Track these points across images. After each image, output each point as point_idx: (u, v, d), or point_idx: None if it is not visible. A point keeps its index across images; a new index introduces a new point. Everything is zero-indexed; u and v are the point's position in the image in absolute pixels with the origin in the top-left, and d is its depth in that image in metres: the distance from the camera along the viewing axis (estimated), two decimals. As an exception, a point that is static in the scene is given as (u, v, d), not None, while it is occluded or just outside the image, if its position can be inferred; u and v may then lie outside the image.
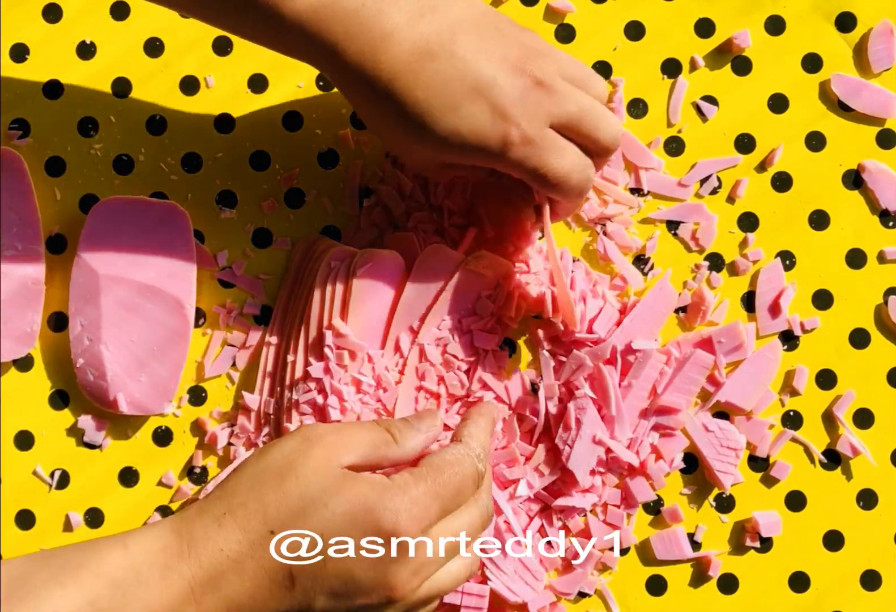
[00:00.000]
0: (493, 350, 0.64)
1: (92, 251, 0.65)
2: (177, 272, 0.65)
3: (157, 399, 0.65)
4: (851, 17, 0.67)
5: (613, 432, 0.63)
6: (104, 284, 0.65)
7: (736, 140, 0.66)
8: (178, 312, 0.65)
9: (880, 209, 0.66)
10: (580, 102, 0.57)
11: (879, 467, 0.65)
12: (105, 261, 0.65)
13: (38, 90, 0.68)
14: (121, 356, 0.65)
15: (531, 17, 0.67)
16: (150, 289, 0.65)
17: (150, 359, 0.65)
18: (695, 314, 0.65)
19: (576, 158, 0.58)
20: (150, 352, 0.65)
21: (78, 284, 0.65)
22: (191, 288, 0.65)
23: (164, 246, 0.65)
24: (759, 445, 0.65)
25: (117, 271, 0.65)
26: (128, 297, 0.65)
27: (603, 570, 0.64)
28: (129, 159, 0.67)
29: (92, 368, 0.65)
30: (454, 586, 0.55)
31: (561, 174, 0.57)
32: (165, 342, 0.65)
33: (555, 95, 0.57)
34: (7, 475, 0.66)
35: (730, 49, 0.67)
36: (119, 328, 0.65)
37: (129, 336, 0.65)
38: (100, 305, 0.65)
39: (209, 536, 0.51)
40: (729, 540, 0.65)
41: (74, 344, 0.65)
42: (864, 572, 0.64)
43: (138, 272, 0.65)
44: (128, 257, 0.65)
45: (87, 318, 0.65)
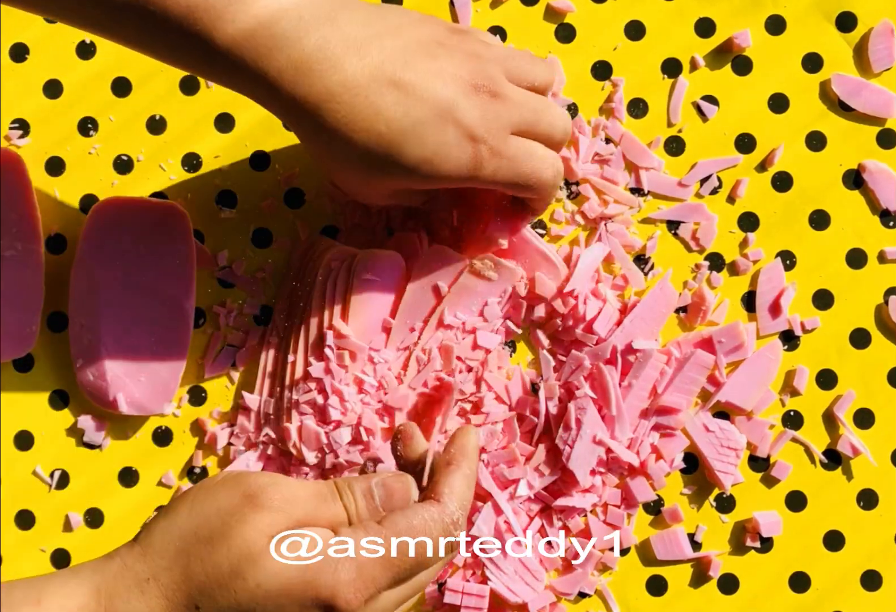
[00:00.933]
0: (494, 350, 0.64)
1: (92, 251, 0.65)
2: (177, 272, 0.65)
3: (156, 399, 0.65)
4: (852, 17, 0.67)
5: (613, 432, 0.63)
6: (104, 283, 0.65)
7: (736, 140, 0.66)
8: (178, 312, 0.65)
9: (880, 209, 0.66)
10: (533, 105, 0.58)
11: (880, 468, 0.65)
12: (105, 261, 0.65)
13: (38, 90, 0.68)
14: (120, 356, 0.65)
15: (531, 17, 0.67)
16: (150, 289, 0.65)
17: (149, 359, 0.65)
18: (695, 314, 0.65)
19: (544, 156, 0.58)
20: (150, 352, 0.65)
21: (78, 285, 0.65)
22: (191, 288, 0.65)
23: (164, 246, 0.65)
24: (759, 445, 0.64)
25: (117, 271, 0.65)
26: (127, 297, 0.65)
27: (603, 570, 0.64)
28: (129, 159, 0.67)
29: (92, 368, 0.65)
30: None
31: (534, 178, 0.58)
32: (165, 342, 0.65)
33: (510, 104, 0.57)
34: (7, 475, 0.66)
35: (730, 49, 0.67)
36: (119, 328, 0.65)
37: (129, 336, 0.65)
38: (99, 305, 0.65)
39: (130, 602, 0.48)
40: (729, 540, 0.65)
41: (74, 344, 0.65)
42: (865, 572, 0.64)
43: (138, 272, 0.65)
44: (128, 257, 0.65)
45: (87, 318, 0.65)
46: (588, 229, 0.66)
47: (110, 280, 0.65)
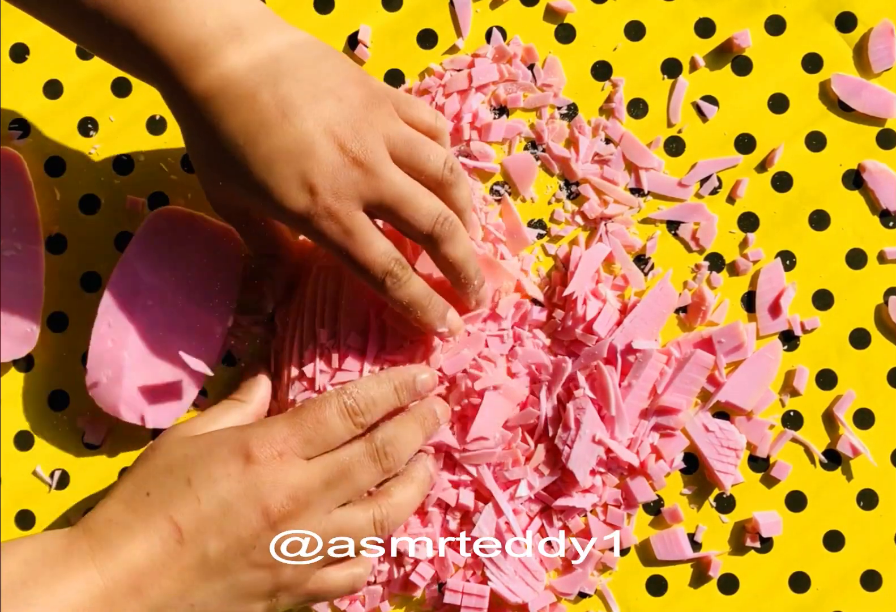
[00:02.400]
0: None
1: (141, 254, 0.64)
2: (216, 298, 0.64)
3: (162, 416, 0.64)
4: (852, 17, 0.67)
5: (613, 432, 0.63)
6: (145, 288, 0.64)
7: (736, 140, 0.66)
8: (208, 340, 0.64)
9: (880, 209, 0.66)
10: (399, 188, 0.56)
11: (880, 468, 0.65)
12: (152, 267, 0.64)
13: (38, 90, 0.68)
14: (141, 367, 0.64)
15: (531, 17, 0.67)
16: (188, 306, 0.64)
17: (168, 378, 0.64)
18: (695, 314, 0.65)
19: (383, 250, 0.57)
20: (171, 373, 0.64)
21: (117, 283, 0.64)
22: (227, 317, 0.64)
23: (211, 267, 0.64)
24: (759, 445, 0.64)
25: (162, 280, 0.64)
26: (165, 308, 0.64)
27: (603, 570, 0.64)
28: (128, 159, 0.67)
29: (107, 369, 0.63)
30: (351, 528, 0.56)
31: (360, 262, 0.57)
32: (187, 368, 0.63)
33: (372, 178, 0.55)
34: (7, 475, 0.66)
35: (730, 49, 0.67)
36: (149, 337, 0.63)
37: (156, 349, 0.64)
38: (136, 308, 0.64)
39: (96, 510, 0.54)
40: (729, 540, 0.65)
41: (95, 341, 0.63)
42: (865, 572, 0.64)
43: (182, 287, 0.64)
44: (175, 269, 0.64)
45: (117, 319, 0.63)
46: (588, 229, 0.66)
47: (153, 287, 0.64)
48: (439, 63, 0.67)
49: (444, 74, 0.67)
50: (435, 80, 0.66)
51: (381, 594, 0.64)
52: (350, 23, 0.67)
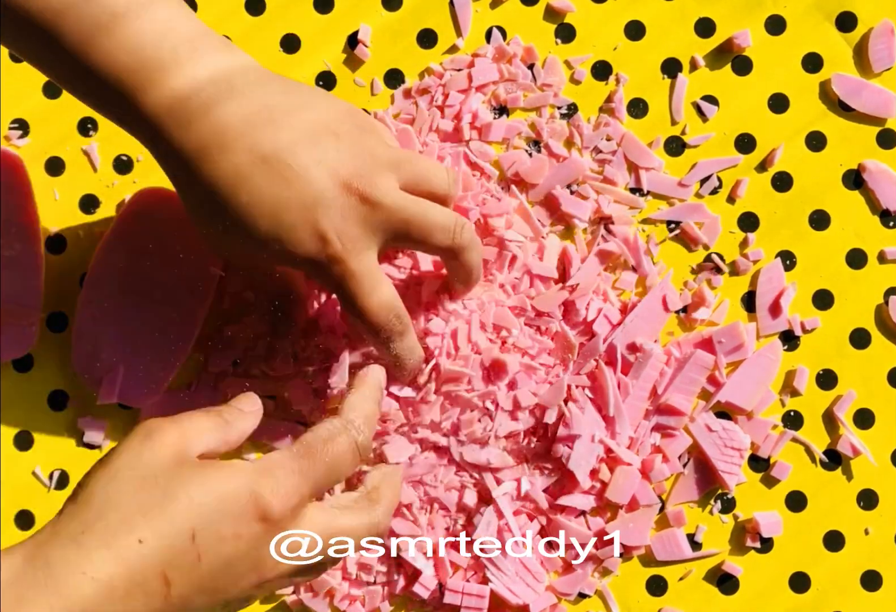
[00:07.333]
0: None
1: (126, 234, 0.64)
2: (201, 278, 0.64)
3: (142, 393, 0.64)
4: (852, 17, 0.67)
5: (613, 432, 0.63)
6: (130, 267, 0.64)
7: (736, 140, 0.66)
8: (188, 317, 0.64)
9: (881, 209, 0.66)
10: (406, 213, 0.56)
11: (880, 468, 0.65)
12: (137, 248, 0.64)
13: (38, 90, 0.68)
14: (122, 340, 0.64)
15: (531, 17, 0.67)
16: (170, 286, 0.64)
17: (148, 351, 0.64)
18: (695, 314, 0.65)
19: (385, 300, 0.56)
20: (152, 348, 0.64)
21: (102, 259, 0.64)
22: (208, 298, 0.64)
23: (195, 249, 0.64)
24: (761, 445, 0.64)
25: (146, 259, 0.64)
26: (147, 286, 0.64)
27: (604, 574, 0.64)
28: (128, 159, 0.67)
29: (92, 342, 0.64)
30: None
31: (359, 308, 0.56)
32: (169, 343, 0.64)
33: (380, 211, 0.55)
34: (7, 475, 0.66)
35: (730, 49, 0.67)
36: (130, 312, 0.64)
37: (136, 325, 0.64)
38: (118, 285, 0.64)
39: (69, 559, 0.46)
40: (729, 540, 0.65)
41: (81, 312, 0.64)
42: (865, 572, 0.64)
43: (165, 266, 0.64)
44: (159, 249, 0.64)
45: (100, 293, 0.64)
46: (588, 229, 0.66)
47: (136, 266, 0.64)
48: (439, 63, 0.67)
49: (443, 74, 0.66)
50: (435, 80, 0.66)
51: (381, 594, 0.64)
52: (350, 22, 0.67)
